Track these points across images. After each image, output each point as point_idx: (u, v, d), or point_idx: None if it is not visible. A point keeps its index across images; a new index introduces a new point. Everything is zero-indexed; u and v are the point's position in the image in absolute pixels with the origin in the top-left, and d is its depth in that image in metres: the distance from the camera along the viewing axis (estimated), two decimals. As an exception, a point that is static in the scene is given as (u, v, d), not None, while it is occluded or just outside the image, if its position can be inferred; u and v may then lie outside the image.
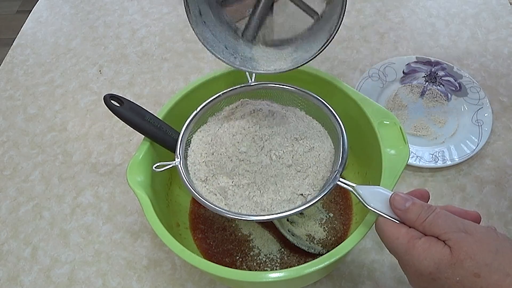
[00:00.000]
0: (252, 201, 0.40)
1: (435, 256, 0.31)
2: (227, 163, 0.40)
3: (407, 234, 0.33)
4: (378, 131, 0.45)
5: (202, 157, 0.42)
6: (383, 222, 0.35)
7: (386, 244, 0.35)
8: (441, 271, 0.31)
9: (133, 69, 0.72)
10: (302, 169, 0.41)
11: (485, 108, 0.60)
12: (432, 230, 0.32)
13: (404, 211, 0.34)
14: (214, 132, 0.43)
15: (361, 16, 0.76)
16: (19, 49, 0.77)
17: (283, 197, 0.40)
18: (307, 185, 0.40)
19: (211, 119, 0.45)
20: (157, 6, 0.81)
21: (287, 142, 0.41)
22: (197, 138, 0.44)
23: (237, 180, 0.40)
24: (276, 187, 0.40)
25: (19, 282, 0.52)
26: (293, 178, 0.40)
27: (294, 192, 0.40)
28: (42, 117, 0.67)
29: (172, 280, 0.50)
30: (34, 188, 0.59)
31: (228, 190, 0.40)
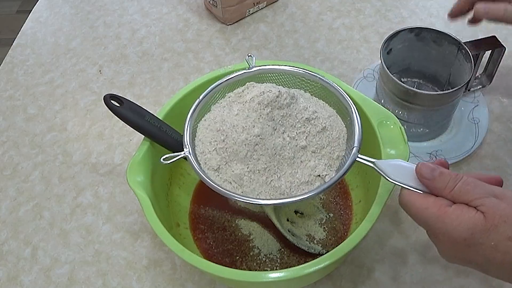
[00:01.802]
0: (270, 186, 0.39)
1: (469, 222, 0.31)
2: (240, 148, 0.39)
3: (436, 202, 0.33)
4: (378, 131, 0.45)
5: (212, 145, 0.40)
6: (409, 194, 0.34)
7: (414, 216, 0.34)
8: (475, 237, 0.31)
9: (133, 69, 0.72)
10: (317, 149, 0.40)
11: (481, 105, 0.60)
12: (461, 197, 0.32)
13: (432, 180, 0.34)
14: (221, 118, 0.41)
15: (361, 16, 0.76)
16: (19, 49, 0.77)
17: (301, 180, 0.39)
18: (324, 165, 0.39)
19: (215, 107, 0.43)
20: (157, 6, 0.81)
21: (299, 123, 0.40)
22: (203, 127, 0.42)
23: (253, 165, 0.39)
24: (293, 170, 0.39)
25: (19, 282, 0.52)
26: (309, 159, 0.39)
27: (311, 174, 0.39)
28: (42, 117, 0.67)
29: (172, 280, 0.50)
30: (34, 188, 0.59)
31: (244, 177, 0.39)
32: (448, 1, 0.77)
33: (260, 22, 0.76)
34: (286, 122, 0.40)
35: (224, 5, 0.73)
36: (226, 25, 0.76)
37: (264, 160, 0.39)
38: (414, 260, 0.50)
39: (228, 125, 0.40)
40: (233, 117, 0.40)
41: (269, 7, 0.79)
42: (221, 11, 0.74)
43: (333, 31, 0.74)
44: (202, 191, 0.55)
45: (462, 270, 0.49)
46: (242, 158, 0.39)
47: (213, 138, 0.40)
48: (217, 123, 0.41)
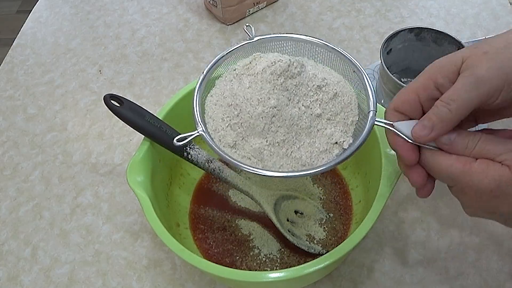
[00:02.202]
0: (291, 158, 0.38)
1: (495, 174, 0.32)
2: (257, 122, 0.37)
3: (460, 159, 0.33)
4: (378, 131, 0.45)
5: (225, 122, 0.39)
6: (431, 154, 0.34)
7: (439, 175, 0.34)
8: (502, 188, 0.31)
9: (133, 69, 0.72)
10: (332, 116, 0.39)
11: None
12: (482, 155, 0.33)
13: (450, 144, 0.34)
14: (231, 92, 0.39)
15: (361, 16, 0.76)
16: (19, 49, 0.77)
17: (320, 148, 0.38)
18: (340, 132, 0.39)
19: (220, 82, 0.41)
20: (157, 6, 0.81)
21: (311, 91, 0.39)
22: (211, 103, 0.40)
23: (271, 138, 0.38)
24: (311, 139, 0.38)
25: (19, 282, 0.52)
26: (325, 127, 0.39)
27: (328, 142, 0.39)
28: (42, 117, 0.67)
29: (172, 280, 0.50)
30: (34, 188, 0.59)
31: (263, 151, 0.38)
32: (448, 1, 0.77)
33: (260, 22, 0.76)
34: (299, 91, 0.39)
35: (224, 5, 0.73)
36: (226, 25, 0.76)
37: (282, 131, 0.38)
38: (414, 260, 0.50)
39: (241, 98, 0.38)
40: (245, 90, 0.38)
41: (269, 7, 0.79)
42: (221, 11, 0.74)
43: (333, 31, 0.74)
44: (202, 191, 0.55)
45: (462, 270, 0.49)
46: (260, 131, 0.38)
47: (225, 114, 0.39)
48: (227, 97, 0.39)
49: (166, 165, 0.51)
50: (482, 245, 0.50)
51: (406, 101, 0.35)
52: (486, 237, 0.51)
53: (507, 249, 0.50)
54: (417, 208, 0.53)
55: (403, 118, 0.36)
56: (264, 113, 0.37)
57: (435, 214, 0.53)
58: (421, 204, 0.54)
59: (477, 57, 0.33)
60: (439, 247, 0.50)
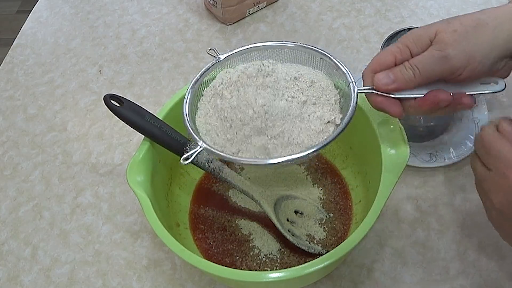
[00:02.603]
0: (294, 145, 0.40)
1: None
2: (253, 123, 0.39)
3: None
4: (378, 131, 0.45)
5: (221, 137, 0.41)
6: None
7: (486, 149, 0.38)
8: None
9: (133, 69, 0.72)
10: (316, 100, 0.41)
11: (481, 105, 0.60)
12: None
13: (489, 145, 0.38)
14: (217, 109, 0.41)
15: (361, 16, 0.76)
16: (19, 49, 0.77)
17: (317, 130, 0.40)
18: (328, 111, 0.41)
19: (201, 104, 0.43)
20: (157, 6, 0.81)
21: (291, 83, 0.41)
22: (201, 124, 0.42)
23: (271, 132, 0.40)
24: (306, 124, 0.40)
25: (19, 282, 0.52)
26: (314, 111, 0.41)
27: (322, 122, 0.40)
28: (42, 117, 0.67)
29: (172, 280, 0.50)
30: (34, 188, 0.59)
31: (268, 145, 0.40)
32: (448, 1, 0.77)
33: (260, 22, 0.76)
34: (280, 85, 0.41)
35: (224, 5, 0.73)
36: (226, 25, 0.76)
37: (279, 124, 0.40)
38: (414, 260, 0.50)
39: (228, 110, 0.40)
40: (229, 100, 0.41)
41: (269, 7, 0.79)
42: (221, 11, 0.74)
43: (333, 31, 0.74)
44: (202, 191, 0.55)
45: (462, 270, 0.49)
46: (258, 130, 0.39)
47: (219, 130, 0.41)
48: (214, 115, 0.41)
49: (166, 165, 0.51)
50: (482, 245, 0.50)
51: (384, 63, 0.39)
52: (486, 237, 0.51)
53: (507, 249, 0.50)
54: (417, 208, 0.53)
55: None
56: (256, 113, 0.39)
57: (435, 214, 0.53)
58: (421, 204, 0.54)
59: (447, 34, 0.36)
60: (439, 247, 0.50)
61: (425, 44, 0.37)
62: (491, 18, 0.37)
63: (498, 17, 0.37)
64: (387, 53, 0.39)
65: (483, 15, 0.37)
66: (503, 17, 0.37)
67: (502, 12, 0.37)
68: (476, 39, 0.36)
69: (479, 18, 0.37)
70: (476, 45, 0.36)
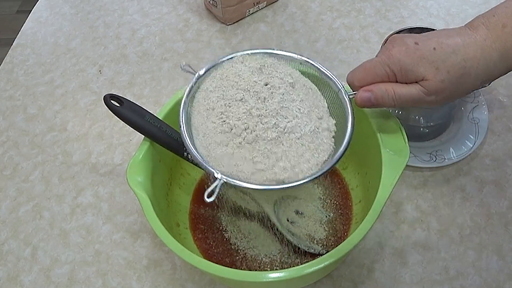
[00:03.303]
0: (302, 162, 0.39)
1: None
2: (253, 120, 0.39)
3: None
4: (378, 131, 0.45)
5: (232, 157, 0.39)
6: None
7: None
8: None
9: (133, 69, 0.72)
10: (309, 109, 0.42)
11: (481, 105, 0.60)
12: None
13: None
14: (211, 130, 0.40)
15: (361, 16, 0.76)
16: (19, 49, 0.77)
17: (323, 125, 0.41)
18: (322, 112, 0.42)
19: (194, 112, 0.42)
20: (157, 6, 0.81)
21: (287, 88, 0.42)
22: (202, 146, 0.40)
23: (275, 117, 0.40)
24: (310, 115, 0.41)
25: (19, 282, 0.52)
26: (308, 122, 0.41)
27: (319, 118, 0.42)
28: (42, 117, 0.67)
29: (172, 280, 0.50)
30: (34, 188, 0.59)
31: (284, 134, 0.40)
32: (448, 1, 0.77)
33: (260, 22, 0.76)
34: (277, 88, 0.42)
35: (224, 5, 0.73)
36: (226, 25, 0.76)
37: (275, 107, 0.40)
38: (414, 260, 0.50)
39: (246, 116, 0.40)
40: (224, 108, 0.40)
41: (269, 7, 0.79)
42: (221, 11, 0.74)
43: (333, 31, 0.74)
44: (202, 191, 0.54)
45: (462, 270, 0.49)
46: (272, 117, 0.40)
47: (222, 145, 0.39)
48: (209, 134, 0.40)
49: (166, 165, 0.51)
50: (482, 245, 0.50)
51: (370, 81, 0.42)
52: (486, 237, 0.51)
53: (507, 249, 0.50)
54: (417, 208, 0.53)
55: None
56: (248, 111, 0.39)
57: (435, 214, 0.53)
58: (421, 204, 0.54)
59: (435, 83, 0.39)
60: (439, 247, 0.50)
61: (410, 79, 0.40)
62: (473, 68, 0.39)
63: (480, 65, 0.39)
64: (374, 74, 0.41)
65: (467, 63, 0.39)
66: (483, 65, 0.39)
67: (484, 58, 0.39)
68: (458, 87, 0.40)
69: (464, 67, 0.39)
70: (457, 91, 0.40)
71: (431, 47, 0.39)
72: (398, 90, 0.40)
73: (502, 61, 0.39)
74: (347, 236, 0.50)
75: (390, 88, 0.40)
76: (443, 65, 0.39)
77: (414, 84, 0.40)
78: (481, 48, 0.39)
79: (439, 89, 0.39)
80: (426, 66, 0.39)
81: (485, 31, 0.39)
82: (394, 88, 0.40)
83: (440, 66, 0.39)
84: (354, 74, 0.42)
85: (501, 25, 0.39)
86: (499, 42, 0.39)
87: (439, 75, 0.39)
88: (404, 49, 0.40)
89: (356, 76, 0.42)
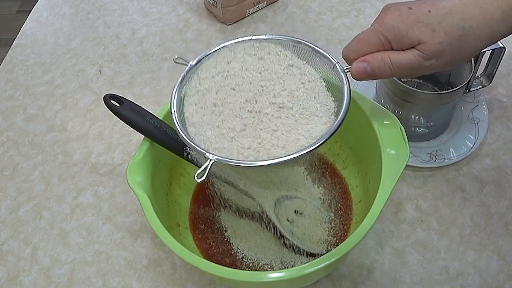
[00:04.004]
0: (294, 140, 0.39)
1: None
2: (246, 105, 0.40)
3: None
4: (378, 131, 0.45)
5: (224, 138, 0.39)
6: None
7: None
8: None
9: (133, 69, 0.72)
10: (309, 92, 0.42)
11: (481, 105, 0.60)
12: None
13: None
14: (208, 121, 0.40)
15: (361, 16, 0.76)
16: (19, 49, 0.77)
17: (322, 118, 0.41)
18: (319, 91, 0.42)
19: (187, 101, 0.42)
20: (157, 6, 0.81)
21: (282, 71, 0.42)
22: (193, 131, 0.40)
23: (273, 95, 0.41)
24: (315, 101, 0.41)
25: (19, 282, 0.52)
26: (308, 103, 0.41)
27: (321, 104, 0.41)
28: (42, 117, 0.67)
29: (172, 280, 0.50)
30: (34, 188, 0.59)
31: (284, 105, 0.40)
32: (448, 1, 0.77)
33: (260, 22, 0.76)
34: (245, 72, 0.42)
35: (224, 5, 0.73)
36: (226, 25, 0.76)
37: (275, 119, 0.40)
38: (414, 260, 0.50)
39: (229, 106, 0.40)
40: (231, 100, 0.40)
41: (269, 7, 0.79)
42: (221, 11, 0.74)
43: (333, 31, 0.74)
44: (202, 191, 0.55)
45: (462, 270, 0.49)
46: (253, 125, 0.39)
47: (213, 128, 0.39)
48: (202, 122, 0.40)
49: (166, 165, 0.51)
50: (482, 245, 0.50)
51: (365, 52, 0.41)
52: (486, 237, 0.51)
53: (507, 249, 0.50)
54: (417, 208, 0.53)
55: None
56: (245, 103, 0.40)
57: (435, 214, 0.53)
58: (421, 204, 0.54)
59: (432, 45, 0.37)
60: (439, 247, 0.50)
61: (406, 45, 0.38)
62: (473, 28, 0.37)
63: (480, 25, 0.37)
64: (368, 44, 0.40)
65: (466, 23, 0.37)
66: (484, 25, 0.37)
67: (484, 18, 0.37)
68: (458, 50, 0.38)
69: (463, 27, 0.37)
70: (458, 55, 0.38)
71: (426, 10, 0.37)
72: (394, 57, 0.39)
73: (505, 20, 0.37)
74: (347, 236, 0.50)
75: (386, 56, 0.39)
76: (439, 27, 0.37)
77: (411, 50, 0.38)
78: (481, 7, 0.37)
79: (438, 52, 0.37)
80: (422, 29, 0.37)
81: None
82: (391, 56, 0.39)
83: (437, 28, 0.37)
84: (348, 47, 0.41)
85: None
86: (501, 0, 0.36)
87: (436, 37, 0.37)
88: (398, 14, 0.38)
89: (351, 49, 0.41)
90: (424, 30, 0.37)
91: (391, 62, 0.39)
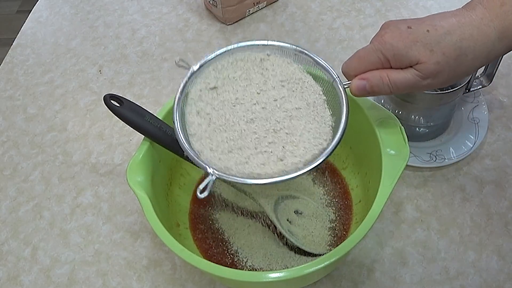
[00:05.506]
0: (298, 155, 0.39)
1: None
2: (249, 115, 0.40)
3: None
4: (378, 131, 0.45)
5: (225, 152, 0.39)
6: None
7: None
8: None
9: (133, 69, 0.72)
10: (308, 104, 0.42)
11: (481, 105, 0.60)
12: None
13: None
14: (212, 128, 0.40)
15: (361, 16, 0.76)
16: (19, 49, 0.77)
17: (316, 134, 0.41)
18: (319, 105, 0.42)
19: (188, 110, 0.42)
20: (157, 6, 0.81)
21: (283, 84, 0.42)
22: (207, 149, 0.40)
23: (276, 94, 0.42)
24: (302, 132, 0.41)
25: (19, 282, 0.52)
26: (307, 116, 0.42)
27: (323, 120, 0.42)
28: (42, 117, 0.67)
29: (172, 280, 0.50)
30: (34, 188, 0.59)
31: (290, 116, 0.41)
32: (448, 1, 0.77)
33: (260, 22, 0.76)
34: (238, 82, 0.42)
35: (224, 5, 0.73)
36: (226, 25, 0.76)
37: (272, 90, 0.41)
38: (414, 260, 0.50)
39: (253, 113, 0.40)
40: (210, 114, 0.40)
41: (269, 7, 0.79)
42: (221, 11, 0.74)
43: (333, 31, 0.74)
44: (202, 191, 0.54)
45: (462, 270, 0.49)
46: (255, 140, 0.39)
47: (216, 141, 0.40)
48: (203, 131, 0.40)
49: (166, 165, 0.51)
50: (482, 245, 0.50)
51: (364, 70, 0.41)
52: (486, 237, 0.51)
53: (507, 249, 0.50)
54: (417, 208, 0.53)
55: None
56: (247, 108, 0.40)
57: (435, 214, 0.53)
58: (421, 204, 0.54)
59: (430, 65, 0.38)
60: (439, 247, 0.50)
61: (405, 64, 0.39)
62: (471, 48, 0.38)
63: (477, 45, 0.38)
64: (368, 62, 0.41)
65: (463, 43, 0.38)
66: (481, 45, 0.38)
67: (481, 38, 0.38)
68: (455, 70, 0.39)
69: (461, 47, 0.38)
70: (455, 74, 0.39)
71: (424, 30, 0.38)
72: (393, 76, 0.40)
73: (501, 40, 0.38)
74: (347, 236, 0.50)
75: (384, 74, 0.40)
76: (437, 47, 0.38)
77: (409, 69, 0.39)
78: (478, 28, 0.37)
79: (435, 72, 0.38)
80: (420, 49, 0.38)
81: (483, 10, 0.38)
82: (389, 75, 0.40)
83: (435, 48, 0.38)
84: (348, 64, 0.42)
85: (500, 3, 0.38)
86: (497, 21, 0.37)
87: (433, 57, 0.38)
88: (397, 34, 0.39)
89: (350, 65, 0.42)
90: (423, 50, 0.38)
91: (390, 80, 0.40)
